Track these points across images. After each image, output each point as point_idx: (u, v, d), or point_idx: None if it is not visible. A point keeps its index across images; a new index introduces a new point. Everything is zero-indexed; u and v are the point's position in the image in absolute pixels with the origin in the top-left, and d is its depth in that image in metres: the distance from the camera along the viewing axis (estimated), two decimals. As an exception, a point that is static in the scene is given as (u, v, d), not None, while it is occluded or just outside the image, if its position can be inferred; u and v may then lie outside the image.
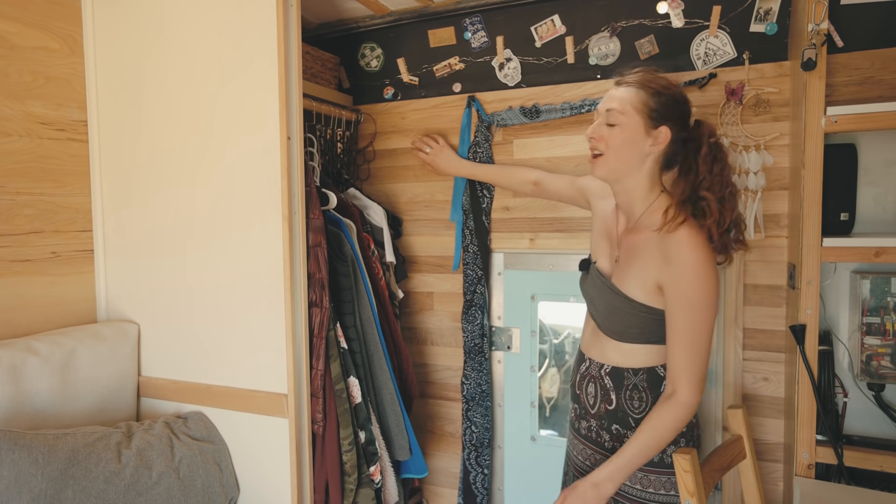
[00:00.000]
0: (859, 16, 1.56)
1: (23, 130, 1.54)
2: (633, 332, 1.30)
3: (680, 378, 1.22)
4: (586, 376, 1.40)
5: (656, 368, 1.32)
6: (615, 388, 1.34)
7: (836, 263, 1.61)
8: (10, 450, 1.22)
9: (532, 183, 1.83)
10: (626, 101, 1.28)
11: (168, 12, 1.61)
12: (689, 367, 1.21)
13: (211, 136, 1.58)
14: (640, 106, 1.27)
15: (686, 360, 1.22)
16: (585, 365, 1.41)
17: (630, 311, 1.29)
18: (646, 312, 1.28)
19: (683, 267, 1.20)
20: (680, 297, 1.21)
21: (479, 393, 2.02)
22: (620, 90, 1.31)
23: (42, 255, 1.59)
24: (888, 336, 1.49)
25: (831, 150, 1.49)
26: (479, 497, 2.03)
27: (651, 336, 1.30)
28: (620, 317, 1.31)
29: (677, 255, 1.21)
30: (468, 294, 2.01)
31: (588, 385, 1.39)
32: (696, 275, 1.20)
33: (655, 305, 1.27)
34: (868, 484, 1.53)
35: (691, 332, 1.21)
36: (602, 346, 1.37)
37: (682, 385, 1.22)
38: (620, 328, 1.32)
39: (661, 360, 1.32)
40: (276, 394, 1.52)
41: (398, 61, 2.12)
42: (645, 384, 1.31)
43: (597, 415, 1.37)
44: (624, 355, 1.33)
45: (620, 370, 1.33)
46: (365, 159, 2.22)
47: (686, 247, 1.20)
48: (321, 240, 1.56)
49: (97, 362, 1.56)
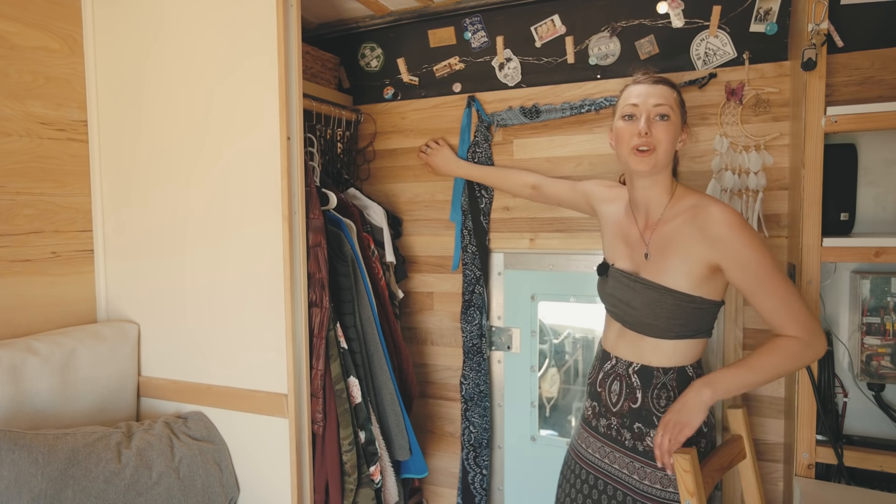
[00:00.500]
0: (859, 16, 1.56)
1: (23, 130, 1.54)
2: (676, 324, 1.30)
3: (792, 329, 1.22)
4: (611, 374, 1.40)
5: (686, 368, 1.33)
6: (642, 386, 1.34)
7: (836, 263, 1.61)
8: (10, 450, 1.22)
9: (530, 186, 1.84)
10: (669, 97, 1.34)
11: (168, 12, 1.61)
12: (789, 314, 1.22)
13: (211, 137, 1.58)
14: (675, 104, 1.34)
15: (784, 310, 1.22)
16: (611, 363, 1.41)
17: (673, 303, 1.29)
18: (688, 302, 1.29)
19: (735, 236, 1.23)
20: (747, 263, 1.23)
21: (477, 393, 2.02)
22: (657, 87, 1.34)
23: (42, 255, 1.59)
24: (888, 336, 1.49)
25: (831, 150, 1.49)
26: (477, 497, 2.03)
27: (691, 328, 1.31)
28: (662, 310, 1.31)
29: (727, 229, 1.24)
30: (467, 294, 2.01)
31: (612, 383, 1.39)
32: (748, 237, 1.23)
33: (698, 294, 1.28)
34: (868, 484, 1.53)
35: (771, 288, 1.22)
36: (634, 344, 1.37)
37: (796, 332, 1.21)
38: (662, 322, 1.31)
39: (692, 357, 1.34)
40: (276, 394, 1.52)
41: (398, 61, 2.12)
42: (675, 383, 1.32)
43: (619, 412, 1.37)
44: (657, 353, 1.34)
45: (650, 369, 1.34)
46: (365, 159, 2.22)
47: (729, 220, 1.24)
48: (321, 240, 1.56)
49: (97, 362, 1.56)
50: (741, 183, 1.70)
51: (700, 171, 1.76)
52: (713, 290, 1.30)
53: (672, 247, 1.31)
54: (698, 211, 1.29)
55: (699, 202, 1.31)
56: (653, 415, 1.33)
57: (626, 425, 1.36)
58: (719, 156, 1.72)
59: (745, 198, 1.70)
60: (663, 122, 1.31)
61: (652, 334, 1.33)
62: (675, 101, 1.34)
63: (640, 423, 1.34)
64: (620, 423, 1.37)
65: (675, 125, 1.33)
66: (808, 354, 1.22)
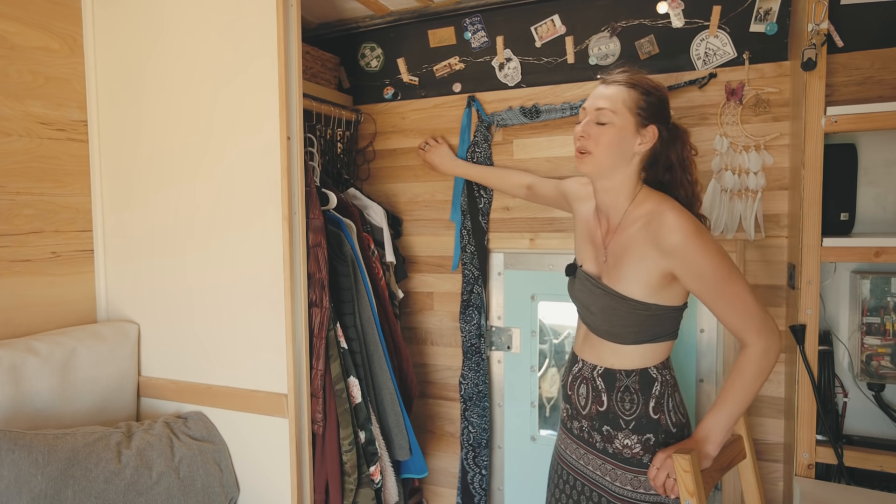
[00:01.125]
0: (859, 16, 1.56)
1: (23, 130, 1.54)
2: (631, 331, 1.30)
3: (747, 334, 1.23)
4: (578, 377, 1.40)
5: (649, 369, 1.31)
6: (607, 389, 1.33)
7: (836, 263, 1.61)
8: (10, 450, 1.22)
9: (525, 187, 1.83)
10: (617, 100, 1.29)
11: (168, 12, 1.61)
12: (749, 322, 1.22)
13: (211, 136, 1.58)
14: (631, 105, 1.29)
15: (741, 319, 1.22)
16: (578, 366, 1.41)
17: (627, 311, 1.28)
18: (643, 310, 1.27)
19: (690, 245, 1.20)
20: (702, 273, 1.21)
21: (476, 393, 2.02)
22: (610, 88, 1.31)
23: (42, 255, 1.59)
24: (888, 336, 1.49)
25: (831, 150, 1.49)
26: (476, 497, 2.03)
27: (648, 335, 1.30)
28: (618, 317, 1.30)
29: (681, 238, 1.21)
30: (465, 294, 2.01)
31: (580, 386, 1.39)
32: (703, 245, 1.21)
33: (654, 301, 1.27)
34: (868, 484, 1.53)
35: (730, 295, 1.22)
36: (596, 348, 1.36)
37: (750, 337, 1.22)
38: (618, 329, 1.31)
39: (656, 359, 1.32)
40: (276, 394, 1.52)
41: (398, 61, 2.12)
42: (637, 386, 1.31)
43: (588, 416, 1.37)
44: (619, 357, 1.33)
45: (613, 372, 1.33)
46: (365, 159, 2.22)
47: (682, 227, 1.21)
48: (321, 240, 1.56)
49: (97, 362, 1.56)
50: (741, 183, 1.70)
51: (700, 172, 1.75)
52: (671, 296, 1.28)
53: (627, 254, 1.29)
54: (652, 217, 1.25)
55: (655, 208, 1.27)
56: (619, 418, 1.32)
57: (596, 428, 1.36)
58: (719, 156, 1.72)
59: (745, 198, 1.70)
60: (600, 125, 1.29)
61: (610, 340, 1.33)
62: (625, 103, 1.28)
63: (608, 426, 1.33)
64: (590, 425, 1.37)
65: (616, 128, 1.28)
66: (770, 358, 1.22)
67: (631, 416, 1.31)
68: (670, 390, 1.32)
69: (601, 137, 1.29)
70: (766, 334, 1.21)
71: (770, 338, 1.21)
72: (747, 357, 1.23)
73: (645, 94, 1.29)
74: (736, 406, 1.24)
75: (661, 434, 1.29)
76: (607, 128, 1.29)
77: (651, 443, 1.29)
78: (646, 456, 1.29)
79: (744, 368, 1.23)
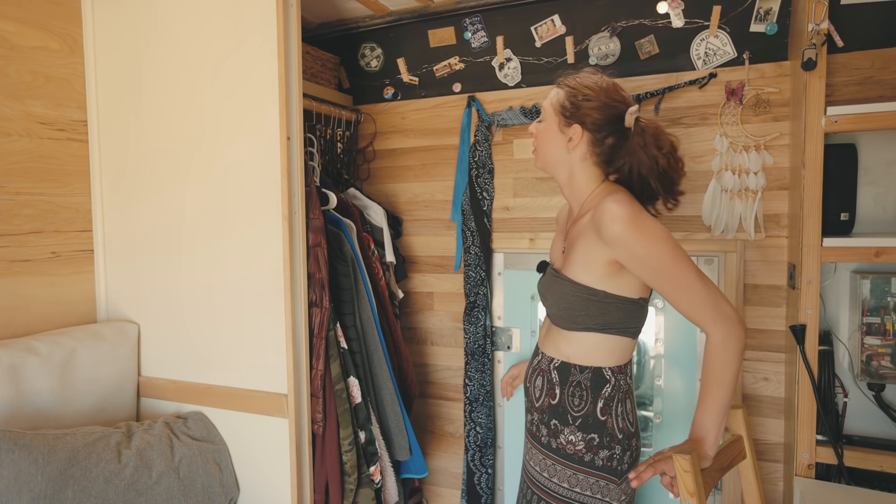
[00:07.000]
0: (859, 16, 1.56)
1: (23, 130, 1.54)
2: (579, 316, 1.29)
3: (703, 323, 1.20)
4: (537, 369, 1.40)
5: (603, 370, 1.30)
6: (560, 382, 1.33)
7: (836, 263, 1.61)
8: (10, 450, 1.21)
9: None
10: (548, 99, 1.36)
11: (169, 12, 1.61)
12: (701, 309, 1.19)
13: (210, 136, 1.58)
14: (555, 105, 1.34)
15: (694, 306, 1.19)
16: (538, 359, 1.41)
17: (575, 294, 1.28)
18: (590, 295, 1.26)
19: (628, 232, 1.18)
20: (643, 259, 1.19)
21: (483, 394, 2.02)
22: (552, 90, 1.37)
23: (42, 255, 1.59)
24: (888, 336, 1.49)
25: (831, 149, 1.50)
26: (483, 497, 2.03)
27: (596, 322, 1.28)
28: (566, 300, 1.30)
29: (619, 226, 1.18)
30: (471, 295, 2.01)
31: (537, 378, 1.39)
32: (641, 231, 1.18)
33: (602, 288, 1.26)
34: (868, 484, 1.53)
35: (677, 282, 1.19)
36: (553, 338, 1.37)
37: (707, 326, 1.20)
38: (566, 313, 1.30)
39: (612, 360, 1.30)
40: (276, 394, 1.52)
41: (398, 61, 2.12)
42: (588, 383, 1.30)
43: (539, 408, 1.37)
44: (572, 346, 1.32)
45: (568, 366, 1.33)
46: (365, 159, 2.22)
47: (619, 215, 1.18)
48: (321, 240, 1.56)
49: (97, 362, 1.56)
50: (741, 183, 1.70)
51: (700, 171, 1.76)
52: (623, 286, 1.26)
53: (577, 242, 1.30)
54: (596, 208, 1.24)
55: (601, 199, 1.25)
56: (567, 413, 1.31)
57: (545, 421, 1.35)
58: (719, 156, 1.72)
59: (746, 198, 1.70)
60: (538, 124, 1.38)
61: (561, 325, 1.33)
62: (551, 102, 1.34)
63: (557, 420, 1.33)
64: (540, 418, 1.36)
65: (546, 126, 1.35)
66: (731, 347, 1.18)
67: (579, 412, 1.30)
68: (622, 396, 1.31)
69: (539, 136, 1.38)
70: (722, 322, 1.18)
71: (726, 325, 1.18)
72: (708, 349, 1.20)
73: (568, 94, 1.31)
74: (717, 401, 1.21)
75: (606, 437, 1.28)
76: (542, 126, 1.37)
77: (595, 443, 1.28)
78: (587, 455, 1.28)
79: (708, 361, 1.20)
